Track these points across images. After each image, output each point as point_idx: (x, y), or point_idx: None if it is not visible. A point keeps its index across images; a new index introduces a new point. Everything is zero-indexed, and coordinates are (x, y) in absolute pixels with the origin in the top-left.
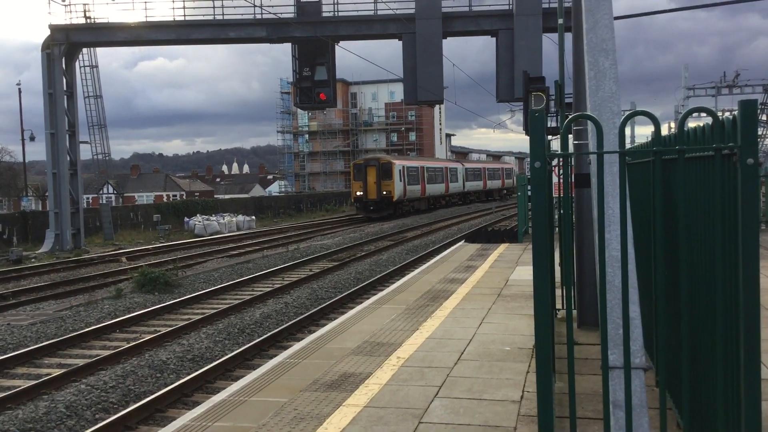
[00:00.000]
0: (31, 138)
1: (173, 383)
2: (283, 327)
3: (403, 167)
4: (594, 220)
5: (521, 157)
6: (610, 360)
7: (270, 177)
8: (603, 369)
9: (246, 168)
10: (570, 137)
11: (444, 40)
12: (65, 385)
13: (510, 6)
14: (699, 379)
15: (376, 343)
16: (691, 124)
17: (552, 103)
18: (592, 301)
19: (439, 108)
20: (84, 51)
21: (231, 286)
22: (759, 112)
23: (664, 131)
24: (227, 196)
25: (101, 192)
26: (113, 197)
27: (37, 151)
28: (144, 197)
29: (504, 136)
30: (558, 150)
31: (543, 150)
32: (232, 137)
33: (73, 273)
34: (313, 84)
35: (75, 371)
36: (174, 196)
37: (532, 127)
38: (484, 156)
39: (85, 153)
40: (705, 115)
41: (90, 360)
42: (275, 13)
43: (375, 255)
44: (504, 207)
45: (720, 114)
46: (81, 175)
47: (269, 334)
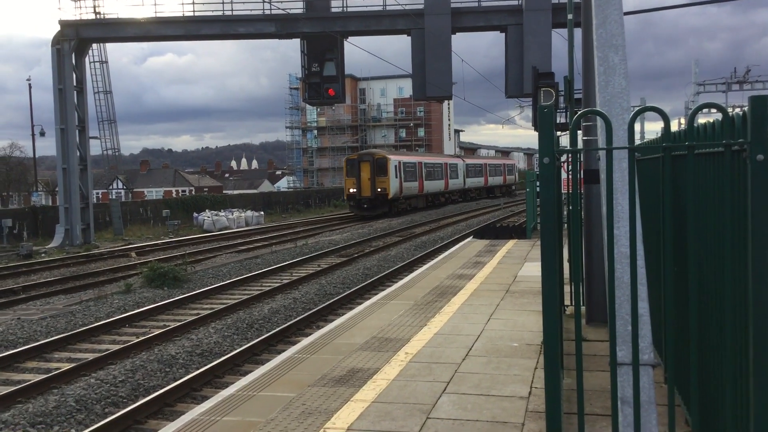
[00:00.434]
0: (42, 133)
1: (182, 378)
2: (292, 322)
3: (399, 163)
4: (603, 216)
5: (530, 153)
6: (618, 356)
7: (279, 173)
8: (611, 365)
9: (255, 164)
10: (579, 133)
11: (453, 35)
12: (75, 379)
13: (519, 1)
14: (708, 376)
15: (384, 339)
16: (701, 120)
17: (561, 99)
18: (600, 298)
19: (448, 104)
20: (94, 46)
21: (239, 281)
22: None
23: (673, 127)
24: (236, 191)
25: (111, 187)
26: (123, 192)
27: (48, 147)
28: (153, 193)
29: (513, 131)
30: (567, 146)
31: (552, 146)
32: (240, 133)
33: (83, 268)
34: (322, 80)
35: (85, 365)
36: (183, 191)
37: (541, 123)
38: (492, 152)
39: (95, 148)
40: (716, 111)
41: (99, 354)
42: (284, 9)
43: (383, 251)
44: (512, 203)
45: (730, 110)
46: (91, 171)
47: (277, 329)
